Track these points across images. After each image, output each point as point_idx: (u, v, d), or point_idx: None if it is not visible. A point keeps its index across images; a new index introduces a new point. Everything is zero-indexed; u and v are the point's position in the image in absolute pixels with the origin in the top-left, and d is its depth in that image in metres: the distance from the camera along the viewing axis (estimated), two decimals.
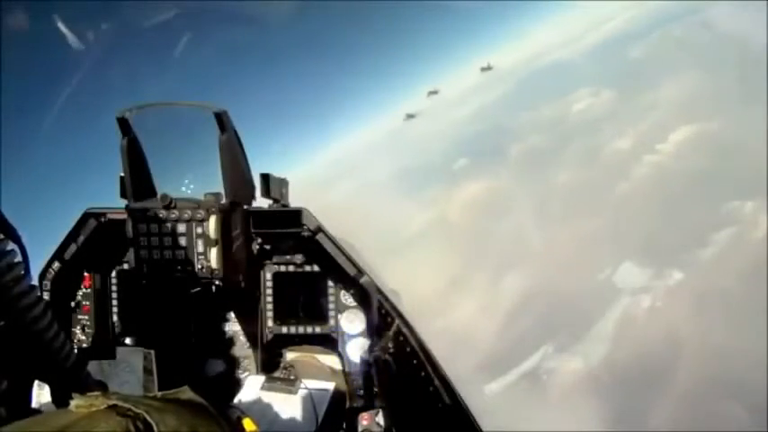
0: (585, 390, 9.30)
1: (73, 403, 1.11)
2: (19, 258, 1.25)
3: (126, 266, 2.63)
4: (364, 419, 2.26)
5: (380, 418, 2.21)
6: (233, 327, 2.80)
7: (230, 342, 2.81)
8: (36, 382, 2.05)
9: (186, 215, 2.22)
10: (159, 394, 1.26)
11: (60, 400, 1.44)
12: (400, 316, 2.41)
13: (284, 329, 2.69)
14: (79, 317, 2.70)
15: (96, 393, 1.16)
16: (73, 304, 2.69)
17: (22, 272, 1.22)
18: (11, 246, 1.23)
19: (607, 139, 15.94)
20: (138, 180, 2.37)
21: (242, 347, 2.80)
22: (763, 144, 12.09)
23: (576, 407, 8.84)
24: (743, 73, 14.76)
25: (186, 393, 1.29)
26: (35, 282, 2.54)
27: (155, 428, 1.08)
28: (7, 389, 1.40)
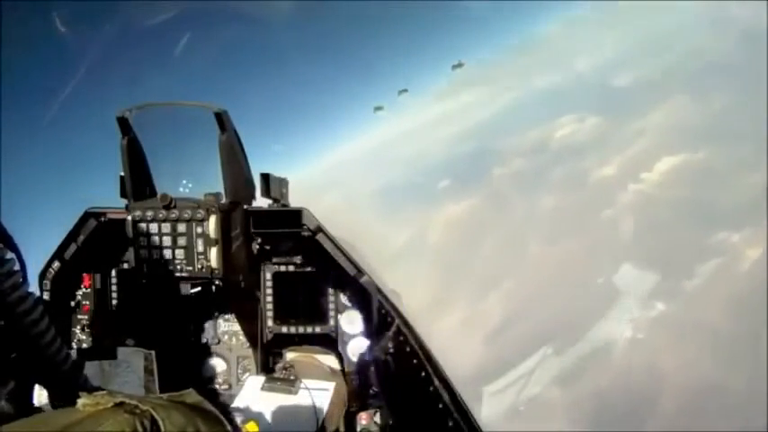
0: (564, 420, 9.22)
1: (80, 402, 1.12)
2: (17, 266, 1.27)
3: (126, 266, 2.63)
4: (364, 419, 2.26)
5: (380, 418, 2.22)
6: (233, 327, 2.80)
7: (230, 342, 2.81)
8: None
9: (186, 215, 2.22)
10: (165, 396, 1.27)
11: (58, 403, 1.45)
12: (400, 316, 2.40)
13: (284, 329, 2.69)
14: (79, 317, 2.70)
15: (102, 392, 1.17)
16: (73, 304, 2.69)
17: (20, 279, 1.25)
18: (9, 254, 1.26)
19: (592, 166, 15.76)
20: (138, 180, 2.37)
21: (242, 347, 2.80)
22: (750, 175, 12.10)
23: None
24: (731, 103, 14.69)
25: (191, 395, 1.30)
26: (35, 282, 2.54)
27: (161, 426, 1.09)
28: (14, 388, 1.42)
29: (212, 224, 2.22)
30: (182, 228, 2.24)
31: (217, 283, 2.31)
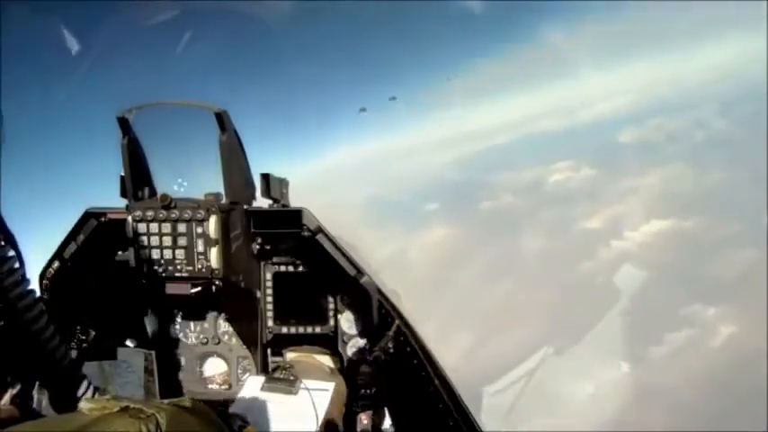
0: None
1: (85, 406, 1.13)
2: (17, 264, 1.29)
3: (126, 266, 2.63)
4: (364, 419, 2.26)
5: (380, 418, 2.22)
6: (233, 327, 2.80)
7: (230, 342, 2.81)
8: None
9: (186, 215, 2.22)
10: (166, 401, 1.29)
11: (57, 401, 1.45)
12: (400, 316, 2.40)
13: (284, 329, 2.69)
14: (79, 317, 2.70)
15: (107, 396, 1.19)
16: (73, 304, 2.69)
17: (20, 277, 1.26)
18: (11, 252, 1.27)
19: (579, 216, 15.61)
20: (138, 180, 2.37)
21: (242, 347, 2.80)
22: (735, 252, 12.04)
23: None
24: (728, 177, 14.71)
25: (191, 401, 1.32)
26: (35, 282, 2.54)
27: (164, 430, 1.10)
28: (16, 391, 1.43)
29: (212, 224, 2.22)
30: (182, 228, 2.24)
31: (217, 283, 2.30)
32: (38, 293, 1.42)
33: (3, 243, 1.25)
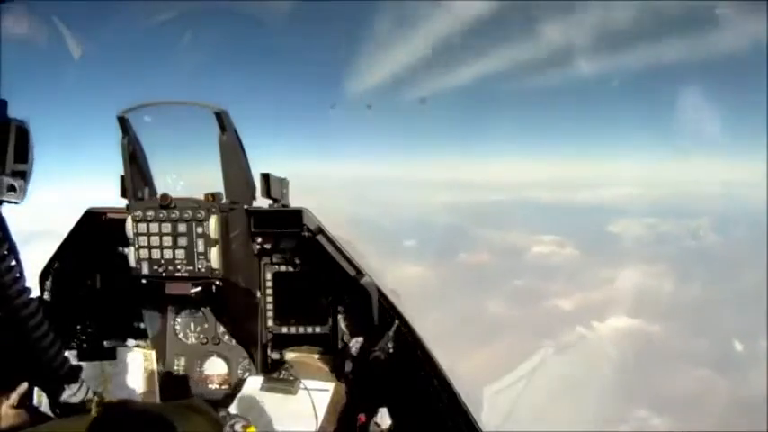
0: None
1: (95, 408, 1.15)
2: (14, 262, 1.29)
3: (126, 266, 2.63)
4: (363, 419, 2.26)
5: (379, 418, 2.21)
6: (233, 327, 2.80)
7: (230, 342, 2.81)
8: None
9: (186, 215, 2.22)
10: (172, 403, 1.31)
11: (53, 395, 1.45)
12: (400, 316, 2.40)
13: (284, 329, 2.69)
14: (79, 317, 2.70)
15: (119, 399, 1.22)
16: (73, 304, 2.69)
17: (18, 274, 1.27)
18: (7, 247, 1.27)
19: (551, 293, 15.20)
20: (138, 180, 2.37)
21: (242, 347, 2.80)
22: (692, 370, 11.92)
23: None
24: (706, 293, 14.59)
25: (193, 401, 1.34)
26: (35, 282, 2.54)
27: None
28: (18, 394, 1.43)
29: (213, 224, 2.22)
30: (182, 228, 2.24)
31: (217, 283, 2.31)
32: (35, 293, 1.43)
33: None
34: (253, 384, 2.47)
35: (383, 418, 2.22)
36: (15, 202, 1.25)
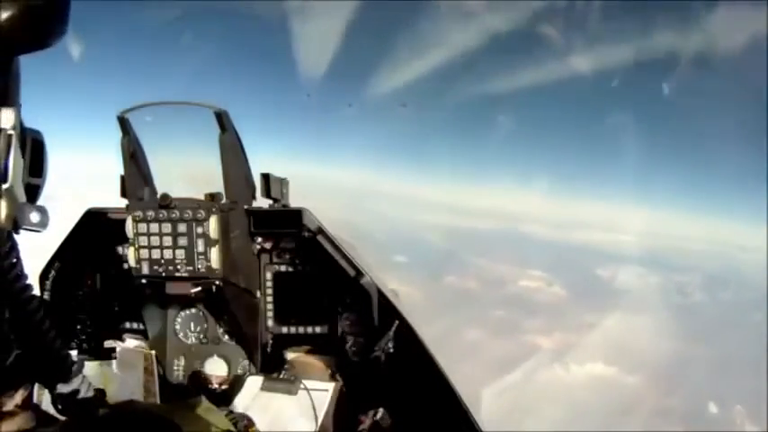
0: None
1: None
2: (15, 259, 1.28)
3: (126, 266, 2.63)
4: (363, 419, 2.26)
5: (380, 418, 2.22)
6: (233, 327, 2.80)
7: (230, 342, 2.80)
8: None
9: (186, 215, 2.22)
10: (176, 403, 1.32)
11: (57, 400, 1.46)
12: (400, 316, 2.41)
13: (284, 329, 2.68)
14: (79, 317, 2.70)
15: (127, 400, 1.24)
16: (73, 304, 2.69)
17: (19, 272, 1.26)
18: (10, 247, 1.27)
19: (532, 329, 15.07)
20: (138, 180, 2.37)
21: (242, 347, 2.80)
22: (663, 424, 11.78)
23: None
24: (686, 353, 14.45)
25: (197, 401, 1.34)
26: (35, 282, 2.54)
27: None
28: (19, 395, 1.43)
29: (213, 224, 2.22)
30: (182, 228, 2.23)
31: (217, 283, 2.31)
32: (36, 292, 1.43)
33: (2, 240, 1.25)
34: (253, 384, 2.47)
35: (383, 418, 2.22)
36: (38, 231, 1.23)
